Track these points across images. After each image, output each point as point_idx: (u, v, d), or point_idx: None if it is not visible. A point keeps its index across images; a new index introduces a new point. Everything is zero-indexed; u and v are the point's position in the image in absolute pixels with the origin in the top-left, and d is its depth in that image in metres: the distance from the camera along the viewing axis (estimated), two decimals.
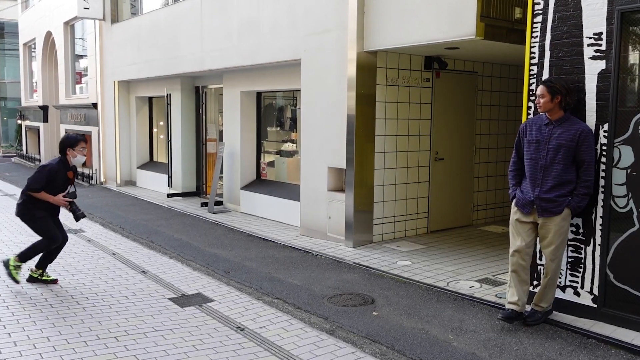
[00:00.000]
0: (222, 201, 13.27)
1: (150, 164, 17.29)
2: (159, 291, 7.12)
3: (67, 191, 7.08)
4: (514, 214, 6.05)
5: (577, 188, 5.73)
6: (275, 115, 13.14)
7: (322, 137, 9.85)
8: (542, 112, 5.83)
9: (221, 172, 13.22)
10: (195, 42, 13.13)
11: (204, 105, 14.57)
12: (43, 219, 7.02)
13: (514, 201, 6.04)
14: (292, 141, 12.37)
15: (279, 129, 13.04)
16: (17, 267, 7.09)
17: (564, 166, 5.69)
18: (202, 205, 13.24)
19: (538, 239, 5.99)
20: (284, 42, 10.53)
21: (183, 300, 6.80)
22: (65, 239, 7.30)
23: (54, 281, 7.35)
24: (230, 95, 12.93)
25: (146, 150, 17.63)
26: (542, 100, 5.78)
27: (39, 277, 7.32)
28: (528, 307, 6.16)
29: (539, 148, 5.83)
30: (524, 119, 6.33)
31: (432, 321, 6.15)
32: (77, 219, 7.10)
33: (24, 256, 7.08)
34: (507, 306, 6.05)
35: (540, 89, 5.81)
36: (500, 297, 6.78)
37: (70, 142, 7.09)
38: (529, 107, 6.31)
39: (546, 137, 5.79)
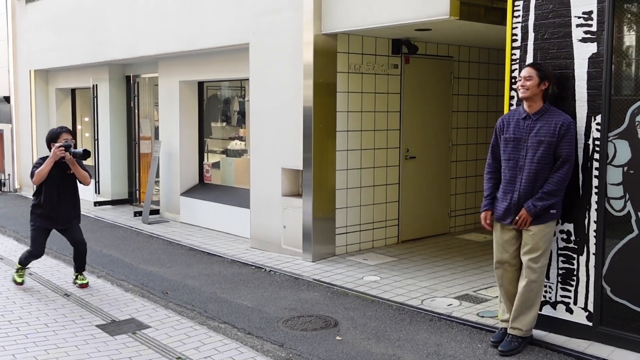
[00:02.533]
0: (158, 210, 13.16)
1: None
2: (85, 317, 7.03)
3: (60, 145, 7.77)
4: (496, 225, 6.07)
5: (540, 187, 5.75)
6: (220, 108, 13.07)
7: (275, 133, 9.82)
8: (524, 96, 5.84)
9: (157, 176, 13.11)
10: (125, 25, 12.99)
11: (136, 98, 14.43)
12: (34, 229, 8.05)
13: (494, 216, 6.05)
14: (241, 138, 12.32)
15: (224, 124, 12.97)
16: (19, 270, 8.35)
17: (544, 165, 5.73)
18: (135, 215, 13.13)
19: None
20: (230, 23, 10.48)
21: (113, 327, 6.72)
22: (79, 244, 8.16)
23: (82, 285, 8.24)
24: (166, 85, 12.83)
25: None
26: (528, 83, 5.79)
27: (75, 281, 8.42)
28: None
29: (517, 147, 5.86)
30: (506, 110, 6.38)
31: (404, 346, 6.15)
32: (83, 157, 7.72)
33: (20, 261, 8.32)
34: (500, 325, 6.13)
35: (528, 71, 5.84)
36: (483, 316, 6.82)
37: (52, 136, 7.95)
38: (511, 97, 6.35)
39: (525, 133, 5.82)
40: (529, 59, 6.19)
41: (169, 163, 12.88)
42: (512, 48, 6.35)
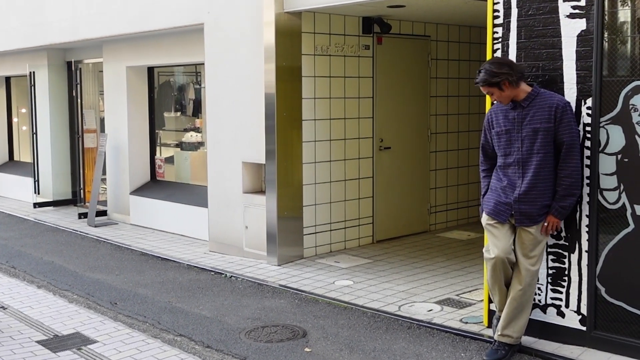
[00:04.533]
0: (105, 211, 13.10)
1: (10, 165, 16.96)
2: (24, 332, 6.96)
3: None
4: (488, 219, 6.05)
5: (557, 186, 5.74)
6: (173, 96, 13.01)
7: (235, 123, 9.80)
8: (506, 103, 5.87)
9: (104, 173, 13.03)
10: (65, 4, 12.88)
11: (78, 86, 14.29)
12: None
13: (486, 209, 6.05)
14: (197, 130, 12.27)
15: (178, 114, 12.92)
16: None
17: (544, 155, 5.72)
18: (80, 217, 13.05)
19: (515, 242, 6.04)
20: (182, 1, 10.42)
21: (56, 342, 6.66)
22: None
23: None
24: (112, 71, 12.75)
25: (4, 147, 17.27)
26: (495, 97, 5.82)
27: None
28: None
29: (510, 139, 5.85)
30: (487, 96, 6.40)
31: (380, 357, 6.16)
32: None
33: None
34: (497, 338, 6.06)
35: (483, 90, 5.85)
36: (467, 323, 6.85)
37: None
38: None
39: (517, 123, 5.81)
40: (512, 37, 6.22)
41: (116, 158, 12.80)
42: (494, 25, 6.37)
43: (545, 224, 5.81)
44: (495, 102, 6.00)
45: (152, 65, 12.47)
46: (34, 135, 14.71)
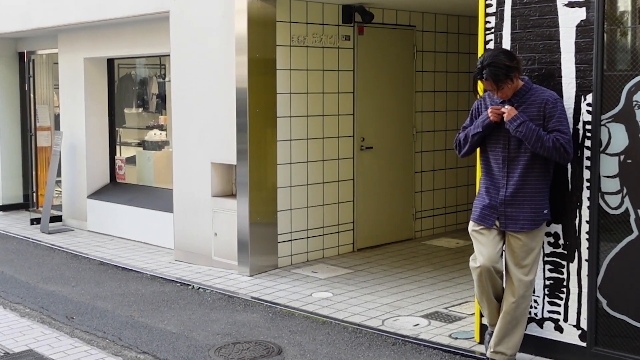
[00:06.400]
0: (60, 216, 13.06)
1: None
2: None
3: None
4: (474, 225, 6.06)
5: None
6: (135, 91, 12.97)
7: (203, 120, 9.78)
8: (507, 98, 5.83)
9: (59, 175, 12.96)
10: None
11: (31, 79, 14.27)
12: None
13: (472, 215, 6.05)
14: (161, 127, 12.24)
15: (141, 110, 12.87)
16: None
17: (532, 154, 5.73)
18: (32, 223, 13.00)
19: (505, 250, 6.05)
20: None
21: None
22: None
23: None
24: (68, 63, 12.71)
25: None
26: (499, 93, 5.74)
27: None
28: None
29: (498, 136, 5.86)
30: (480, 89, 6.40)
31: None
32: None
33: None
34: (490, 355, 6.07)
35: (489, 84, 5.74)
36: (457, 338, 6.85)
37: None
38: None
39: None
40: (506, 27, 6.23)
41: (72, 159, 12.75)
42: (486, 14, 6.37)
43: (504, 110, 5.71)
44: (489, 94, 6.01)
45: (112, 57, 12.45)
46: None
